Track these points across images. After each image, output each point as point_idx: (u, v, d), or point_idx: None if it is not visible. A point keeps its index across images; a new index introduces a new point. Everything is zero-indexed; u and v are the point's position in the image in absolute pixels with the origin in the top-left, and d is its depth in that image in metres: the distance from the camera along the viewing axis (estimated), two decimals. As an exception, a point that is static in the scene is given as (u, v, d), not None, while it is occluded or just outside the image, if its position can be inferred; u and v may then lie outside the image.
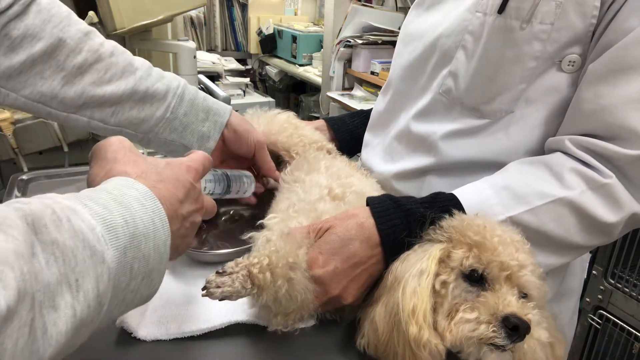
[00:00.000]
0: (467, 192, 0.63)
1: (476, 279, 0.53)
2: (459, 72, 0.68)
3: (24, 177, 1.01)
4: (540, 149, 0.68)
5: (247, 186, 0.75)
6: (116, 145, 0.51)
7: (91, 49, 0.68)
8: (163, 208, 0.44)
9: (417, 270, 0.53)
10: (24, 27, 0.64)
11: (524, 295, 0.53)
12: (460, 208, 0.60)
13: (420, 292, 0.51)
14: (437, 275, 0.53)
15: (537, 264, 0.54)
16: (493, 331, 0.48)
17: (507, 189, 0.62)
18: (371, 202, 0.62)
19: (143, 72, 0.72)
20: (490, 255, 0.52)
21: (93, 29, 0.71)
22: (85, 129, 0.73)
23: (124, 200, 0.41)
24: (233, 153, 0.79)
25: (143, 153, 0.54)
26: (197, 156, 0.56)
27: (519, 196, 0.61)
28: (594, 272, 1.52)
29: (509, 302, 0.50)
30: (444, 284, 0.53)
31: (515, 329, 0.48)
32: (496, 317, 0.49)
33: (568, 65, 0.63)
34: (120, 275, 0.39)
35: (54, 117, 0.70)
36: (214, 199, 0.60)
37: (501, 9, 0.62)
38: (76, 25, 0.68)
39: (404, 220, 0.59)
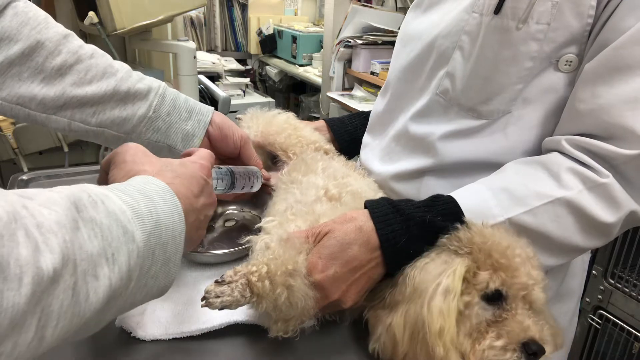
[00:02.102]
0: (465, 195, 0.62)
1: (495, 298, 0.54)
2: (456, 72, 0.68)
3: (24, 177, 1.01)
4: (538, 149, 0.68)
5: (253, 182, 0.75)
6: (133, 149, 0.55)
7: (70, 50, 0.68)
8: (180, 203, 0.48)
9: (443, 287, 0.53)
10: (0, 30, 0.64)
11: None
12: (459, 211, 0.60)
13: (448, 313, 0.53)
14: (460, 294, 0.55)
15: (545, 278, 0.56)
16: (516, 357, 0.52)
17: (505, 191, 0.62)
18: (369, 205, 0.61)
19: (124, 73, 0.72)
20: (512, 277, 0.54)
21: (71, 32, 0.71)
22: (65, 131, 0.72)
23: (148, 194, 0.45)
24: (219, 152, 0.78)
25: None
26: (205, 154, 0.60)
27: (517, 197, 0.61)
28: (594, 272, 1.52)
29: (528, 326, 0.53)
30: (468, 304, 0.54)
31: (534, 354, 0.51)
32: (518, 343, 0.52)
33: (565, 65, 0.63)
34: (145, 257, 0.42)
35: (33, 120, 0.70)
36: (217, 194, 0.62)
37: (497, 9, 0.62)
38: (54, 28, 0.68)
39: (403, 225, 0.59)
